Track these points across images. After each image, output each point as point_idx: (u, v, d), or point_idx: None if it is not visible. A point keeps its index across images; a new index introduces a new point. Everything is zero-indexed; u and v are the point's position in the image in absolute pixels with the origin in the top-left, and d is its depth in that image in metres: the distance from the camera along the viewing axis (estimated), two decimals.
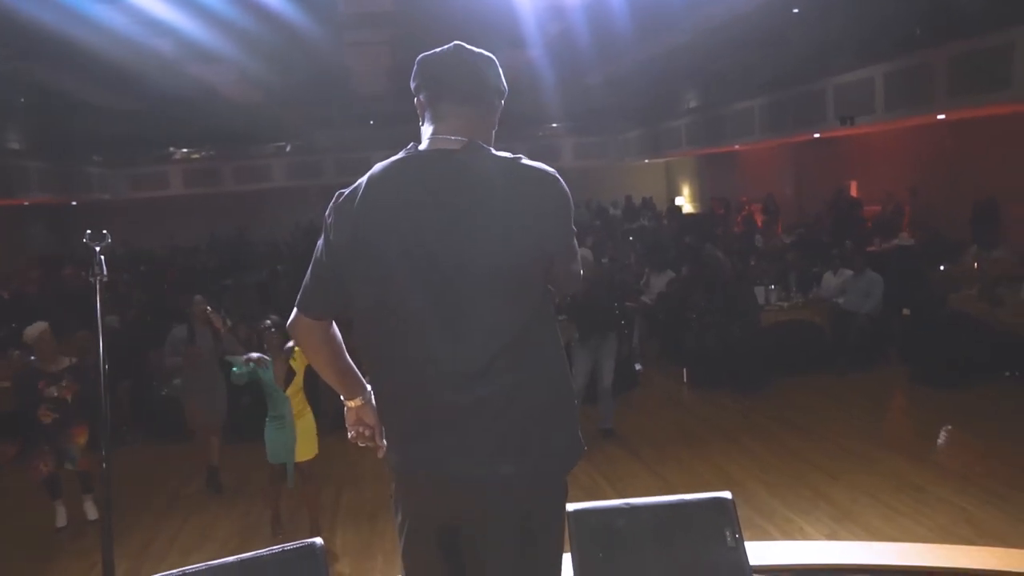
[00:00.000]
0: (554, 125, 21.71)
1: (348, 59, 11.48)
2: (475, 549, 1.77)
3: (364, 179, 1.76)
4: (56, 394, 5.37)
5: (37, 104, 12.83)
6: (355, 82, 13.37)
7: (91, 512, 5.55)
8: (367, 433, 1.94)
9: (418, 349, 1.67)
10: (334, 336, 1.87)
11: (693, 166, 22.67)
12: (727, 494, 2.67)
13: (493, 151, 1.75)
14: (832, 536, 4.47)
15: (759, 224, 14.89)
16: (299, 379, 4.89)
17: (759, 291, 8.67)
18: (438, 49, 1.81)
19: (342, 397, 1.95)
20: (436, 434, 1.69)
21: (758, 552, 3.02)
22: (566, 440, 1.77)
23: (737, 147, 17.35)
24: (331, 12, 8.58)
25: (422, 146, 1.77)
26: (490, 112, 1.83)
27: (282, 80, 12.11)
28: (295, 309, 1.83)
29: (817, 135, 13.76)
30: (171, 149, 20.63)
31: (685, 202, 22.71)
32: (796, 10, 10.69)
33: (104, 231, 2.27)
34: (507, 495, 1.68)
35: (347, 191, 1.77)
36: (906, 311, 8.29)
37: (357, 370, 1.92)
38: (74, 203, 18.96)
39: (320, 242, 1.80)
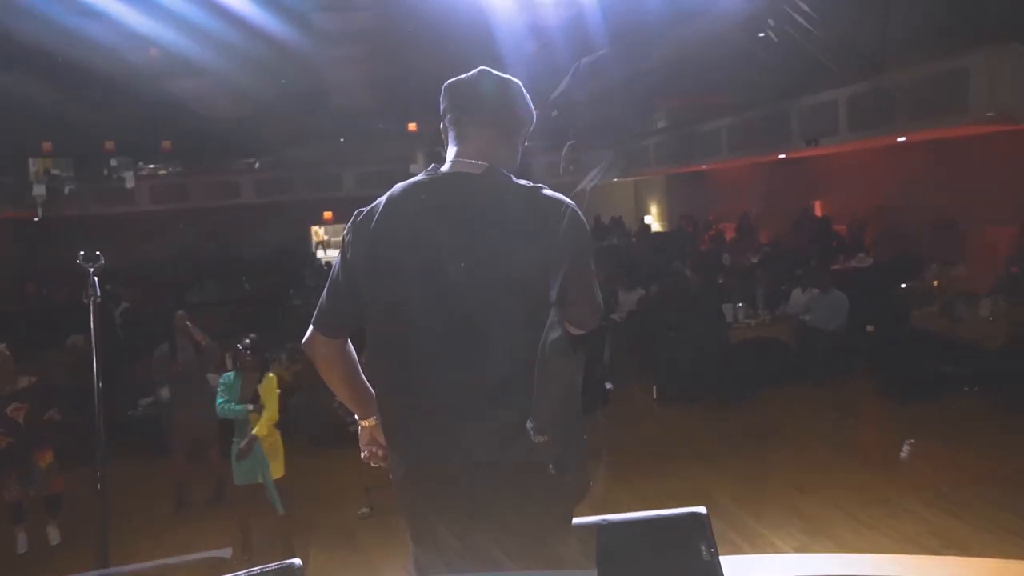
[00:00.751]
0: (525, 143, 21.87)
1: (322, 75, 11.49)
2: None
3: (383, 198, 1.78)
4: None
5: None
6: (328, 98, 13.38)
7: (54, 537, 5.43)
8: (380, 453, 1.92)
9: (429, 368, 1.68)
10: (348, 354, 1.87)
11: (662, 185, 22.94)
12: (702, 509, 2.72)
13: (513, 178, 1.77)
14: (802, 549, 4.54)
15: (728, 242, 15.13)
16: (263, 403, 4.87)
17: (727, 308, 8.80)
18: (464, 75, 1.84)
19: (356, 416, 1.94)
20: (440, 445, 1.69)
21: (733, 566, 3.07)
22: (572, 462, 1.74)
23: (705, 167, 17.62)
24: (307, 28, 8.60)
25: (444, 168, 1.79)
26: (512, 136, 1.86)
27: (254, 95, 12.07)
28: (311, 326, 1.83)
29: (783, 156, 14.04)
30: (140, 163, 20.35)
31: (654, 221, 22.95)
32: (761, 34, 10.98)
33: (97, 252, 2.27)
34: (506, 484, 1.67)
35: (366, 210, 1.78)
36: (870, 328, 8.48)
37: (372, 389, 1.91)
38: (36, 219, 18.59)
39: (337, 260, 1.81)
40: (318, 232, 12.80)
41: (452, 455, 1.68)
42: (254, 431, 4.73)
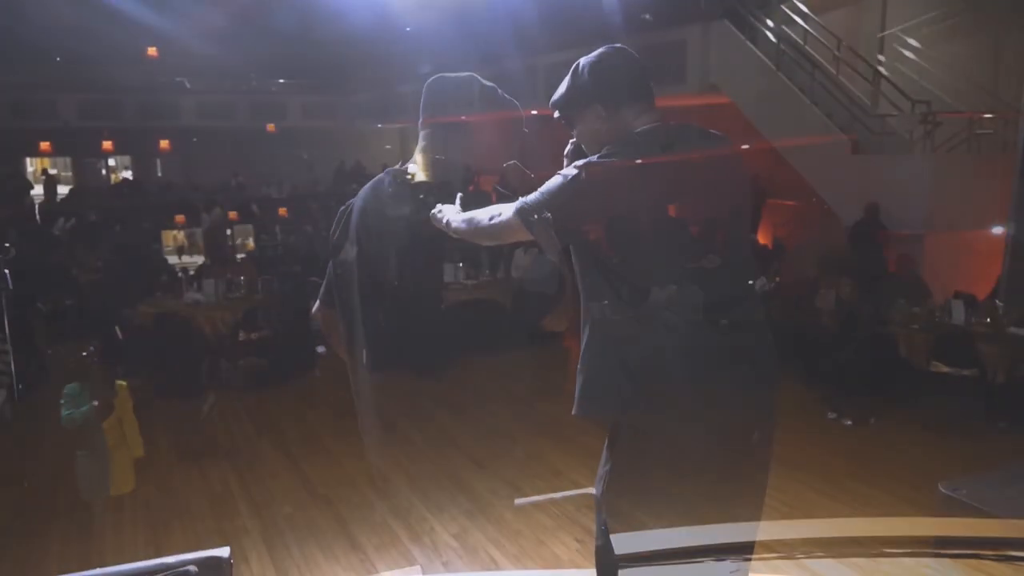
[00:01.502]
0: (281, 80, 20.77)
1: (180, 73, 10.97)
2: None
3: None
4: None
5: None
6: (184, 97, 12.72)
7: None
8: None
9: (369, 349, 1.95)
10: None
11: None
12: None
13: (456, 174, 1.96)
14: (461, 534, 4.60)
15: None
16: (117, 412, 4.67)
17: (448, 268, 8.21)
18: None
19: None
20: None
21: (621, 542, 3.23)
22: None
23: (464, 118, 17.76)
24: (166, 22, 8.20)
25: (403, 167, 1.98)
26: (458, 130, 1.98)
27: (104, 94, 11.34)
28: (318, 299, 2.13)
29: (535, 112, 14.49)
30: None
31: (419, 171, 22.50)
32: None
33: (7, 244, 2.23)
34: None
35: (349, 203, 2.01)
36: (724, 322, 9.06)
37: None
38: None
39: None
40: (177, 236, 12.25)
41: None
42: (135, 452, 4.60)
